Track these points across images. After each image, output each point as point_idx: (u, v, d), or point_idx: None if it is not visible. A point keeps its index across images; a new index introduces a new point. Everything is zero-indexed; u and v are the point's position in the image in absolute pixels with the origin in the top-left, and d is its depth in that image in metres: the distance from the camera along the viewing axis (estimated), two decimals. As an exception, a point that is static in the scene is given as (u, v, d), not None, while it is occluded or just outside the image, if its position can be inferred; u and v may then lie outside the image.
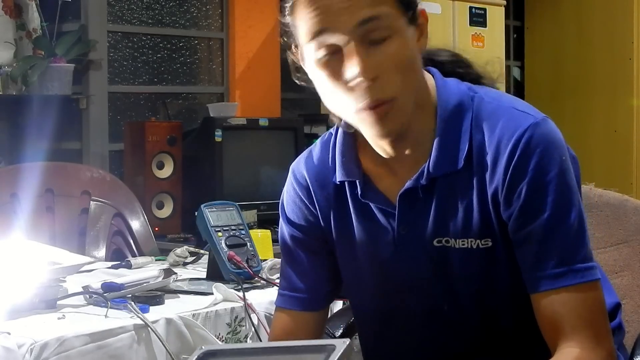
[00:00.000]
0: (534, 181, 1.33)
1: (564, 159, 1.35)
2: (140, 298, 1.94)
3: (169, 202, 3.74)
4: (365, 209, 1.46)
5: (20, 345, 1.66)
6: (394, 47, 1.32)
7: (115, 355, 1.78)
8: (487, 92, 1.43)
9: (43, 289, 1.91)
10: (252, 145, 3.92)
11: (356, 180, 1.46)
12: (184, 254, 2.50)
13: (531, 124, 1.35)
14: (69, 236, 2.85)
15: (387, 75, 1.32)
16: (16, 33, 3.78)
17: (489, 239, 1.38)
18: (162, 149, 3.70)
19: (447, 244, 1.40)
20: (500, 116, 1.37)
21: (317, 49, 1.34)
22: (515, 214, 1.34)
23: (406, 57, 1.34)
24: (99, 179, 3.03)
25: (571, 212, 1.33)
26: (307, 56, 1.37)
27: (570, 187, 1.35)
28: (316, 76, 1.37)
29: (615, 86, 5.43)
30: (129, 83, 4.16)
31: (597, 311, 1.33)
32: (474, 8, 4.80)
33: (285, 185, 1.58)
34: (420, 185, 1.40)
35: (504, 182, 1.34)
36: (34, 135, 3.58)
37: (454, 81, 1.45)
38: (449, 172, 1.38)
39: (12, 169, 3.01)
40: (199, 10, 4.41)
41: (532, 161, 1.33)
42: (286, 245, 1.56)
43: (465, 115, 1.39)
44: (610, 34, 5.45)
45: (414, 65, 1.37)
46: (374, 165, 1.45)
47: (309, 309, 1.54)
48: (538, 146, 1.33)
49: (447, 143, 1.39)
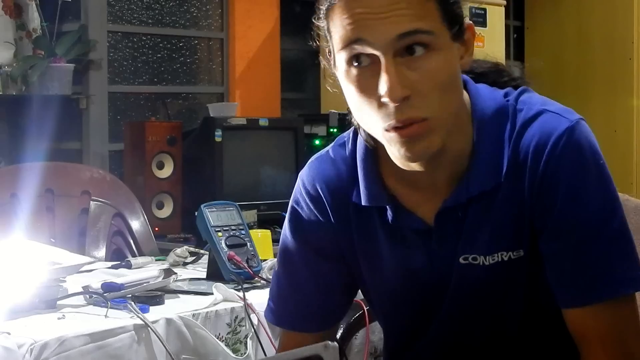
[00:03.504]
0: (570, 190, 1.27)
1: (602, 163, 1.30)
2: (140, 298, 1.94)
3: (169, 202, 3.74)
4: (397, 233, 1.38)
5: (20, 345, 1.66)
6: (434, 64, 1.22)
7: (115, 355, 1.78)
8: (519, 96, 1.36)
9: (43, 289, 1.91)
10: (252, 145, 3.92)
11: (385, 205, 1.37)
12: (184, 254, 2.50)
13: (566, 128, 1.29)
14: (69, 236, 2.85)
15: (422, 94, 1.22)
16: (16, 33, 3.77)
17: (521, 250, 1.32)
18: (162, 149, 3.70)
19: (474, 261, 1.33)
20: (534, 122, 1.31)
21: (349, 59, 1.24)
22: (551, 223, 1.29)
23: (446, 76, 1.24)
24: (99, 179, 3.03)
25: (611, 221, 1.28)
26: (339, 64, 1.27)
27: (608, 193, 1.29)
28: (346, 86, 1.27)
29: (615, 86, 5.43)
30: (129, 83, 4.16)
31: (631, 326, 1.29)
32: (474, 8, 4.80)
33: (293, 195, 1.47)
34: (459, 204, 1.32)
35: (541, 189, 1.29)
36: (34, 135, 3.58)
37: (485, 89, 1.37)
38: (488, 189, 1.31)
39: (12, 169, 3.00)
40: (199, 10, 4.41)
41: (569, 167, 1.27)
42: (292, 263, 1.46)
43: (502, 126, 1.32)
44: (610, 34, 5.45)
45: (454, 84, 1.27)
46: (401, 183, 1.36)
47: (320, 329, 1.47)
48: (575, 152, 1.28)
49: (486, 158, 1.31)
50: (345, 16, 1.23)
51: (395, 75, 1.20)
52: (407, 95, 1.21)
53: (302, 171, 1.48)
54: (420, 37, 1.21)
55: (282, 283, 1.48)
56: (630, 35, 5.36)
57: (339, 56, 1.26)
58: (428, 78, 1.22)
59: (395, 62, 1.21)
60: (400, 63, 1.21)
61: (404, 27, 1.20)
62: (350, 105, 1.29)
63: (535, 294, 1.36)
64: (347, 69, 1.25)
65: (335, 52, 1.27)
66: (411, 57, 1.22)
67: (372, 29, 1.21)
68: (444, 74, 1.23)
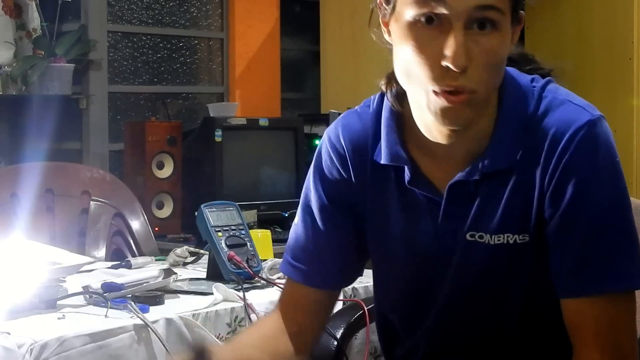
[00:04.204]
0: (582, 183, 1.29)
1: (617, 162, 1.32)
2: (140, 298, 1.94)
3: (169, 202, 3.74)
4: (409, 195, 1.41)
5: (20, 345, 1.66)
6: (495, 43, 1.27)
7: (115, 355, 1.78)
8: (546, 85, 1.40)
9: (43, 289, 1.91)
10: (252, 145, 3.92)
11: (404, 166, 1.40)
12: (184, 254, 2.50)
13: (587, 121, 1.31)
14: (69, 236, 2.85)
15: (479, 69, 1.26)
16: (16, 33, 3.78)
17: (527, 235, 1.34)
18: (162, 149, 3.71)
19: (480, 239, 1.36)
20: (556, 110, 1.34)
21: (419, 12, 1.26)
22: (559, 213, 1.31)
23: (501, 57, 1.30)
24: (99, 179, 3.03)
25: (619, 219, 1.30)
26: (402, 15, 1.28)
27: (619, 192, 1.31)
28: (402, 39, 1.29)
29: (615, 86, 5.42)
30: (129, 83, 4.17)
31: (625, 323, 1.31)
32: (474, 8, 4.80)
33: (318, 149, 1.50)
34: (473, 180, 1.35)
35: (552, 179, 1.31)
36: (34, 135, 3.59)
37: (514, 72, 1.41)
38: (503, 168, 1.34)
39: (12, 169, 3.01)
40: (199, 10, 4.41)
41: (584, 160, 1.30)
42: (310, 215, 1.48)
43: (525, 109, 1.36)
44: (610, 33, 5.45)
45: (502, 68, 1.32)
46: (420, 151, 1.40)
47: (326, 287, 1.50)
48: (592, 146, 1.30)
49: (506, 138, 1.35)
50: None
51: (463, 43, 1.24)
52: (468, 65, 1.25)
53: (329, 127, 1.51)
54: (493, 13, 1.26)
55: (300, 235, 1.51)
56: (630, 35, 5.36)
57: (408, 10, 1.27)
58: (487, 55, 1.27)
59: (465, 31, 1.25)
60: (468, 34, 1.25)
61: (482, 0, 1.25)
62: (401, 62, 1.30)
63: (536, 284, 1.37)
64: (411, 24, 1.27)
65: (404, 5, 1.28)
66: (479, 32, 1.26)
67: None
68: (500, 54, 1.29)
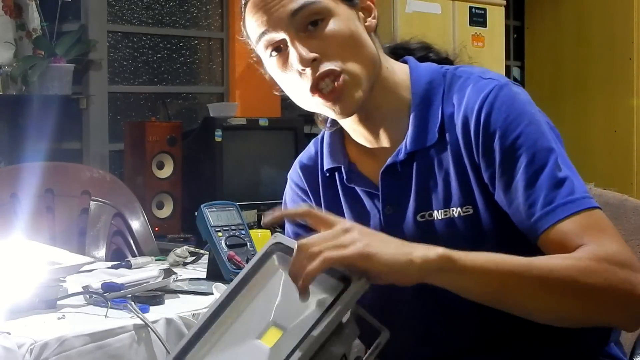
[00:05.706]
0: (506, 136, 1.36)
1: (533, 113, 1.38)
2: (140, 298, 1.94)
3: (169, 202, 3.74)
4: (352, 194, 1.50)
5: (20, 345, 1.66)
6: (333, 27, 1.39)
7: (115, 355, 1.78)
8: (460, 67, 1.48)
9: (43, 289, 1.91)
10: (252, 145, 3.93)
11: (341, 166, 1.51)
12: (184, 254, 2.50)
13: (495, 86, 1.39)
14: (69, 236, 2.85)
15: (330, 54, 1.38)
16: (16, 33, 3.78)
17: (470, 206, 1.39)
18: (162, 149, 3.71)
19: (430, 217, 1.42)
20: (467, 86, 1.42)
21: (265, 50, 1.42)
22: (496, 172, 1.36)
23: (347, 36, 1.39)
24: (99, 179, 3.03)
25: (549, 157, 1.34)
26: (263, 59, 1.45)
27: (543, 134, 1.36)
28: (274, 75, 1.45)
29: (615, 86, 5.43)
30: (129, 83, 4.17)
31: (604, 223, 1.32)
32: (474, 8, 4.80)
33: (285, 191, 1.63)
34: (399, 160, 1.44)
35: (477, 144, 1.38)
36: (34, 135, 3.59)
37: (426, 64, 1.50)
38: (425, 146, 1.42)
39: (12, 169, 3.01)
40: (199, 10, 4.41)
41: (500, 117, 1.36)
42: None
43: (437, 90, 1.45)
44: (610, 34, 5.45)
45: (360, 41, 1.41)
46: (360, 155, 1.51)
47: None
48: (504, 104, 1.37)
49: (421, 118, 1.44)
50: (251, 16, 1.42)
51: (300, 45, 1.38)
52: (315, 57, 1.37)
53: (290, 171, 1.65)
54: (310, 8, 1.39)
55: None
56: (630, 35, 5.37)
57: (259, 51, 1.44)
58: (330, 40, 1.39)
59: (299, 37, 1.39)
60: (304, 37, 1.39)
61: (293, 5, 1.38)
62: (286, 91, 1.47)
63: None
64: (268, 59, 1.44)
65: (259, 49, 1.44)
66: (313, 29, 1.39)
67: (271, 17, 1.39)
68: (345, 34, 1.40)
